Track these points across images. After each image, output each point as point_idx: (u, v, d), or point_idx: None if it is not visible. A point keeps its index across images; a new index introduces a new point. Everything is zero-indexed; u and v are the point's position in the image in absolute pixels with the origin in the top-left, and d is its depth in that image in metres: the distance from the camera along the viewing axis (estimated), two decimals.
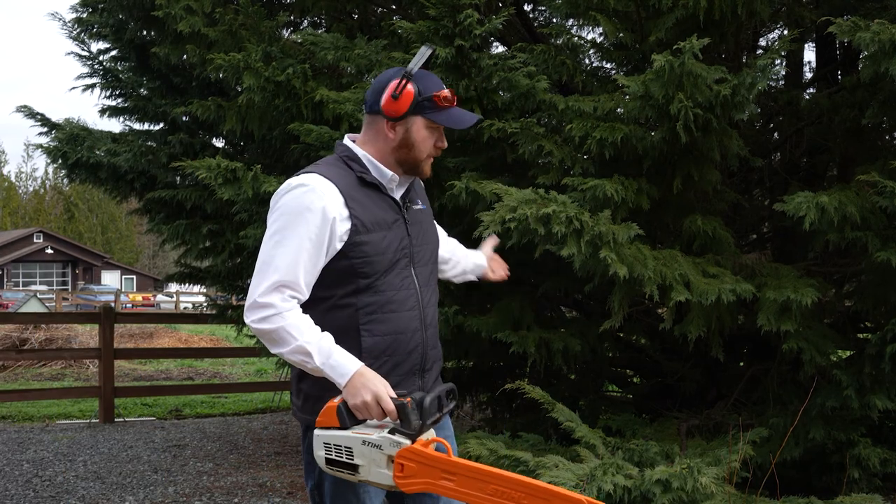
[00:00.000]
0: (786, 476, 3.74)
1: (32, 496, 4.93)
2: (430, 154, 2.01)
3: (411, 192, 2.06)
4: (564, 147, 3.80)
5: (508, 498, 1.63)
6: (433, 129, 1.99)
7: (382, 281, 1.92)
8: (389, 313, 1.93)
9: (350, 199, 1.90)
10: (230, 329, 7.96)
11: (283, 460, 5.98)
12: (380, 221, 1.93)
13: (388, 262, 1.93)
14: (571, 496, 1.59)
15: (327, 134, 4.19)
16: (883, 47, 3.13)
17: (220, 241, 5.94)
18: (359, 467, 1.76)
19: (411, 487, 1.73)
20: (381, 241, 1.92)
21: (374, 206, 1.94)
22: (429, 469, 1.70)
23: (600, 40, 4.78)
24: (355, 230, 1.88)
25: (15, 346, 11.66)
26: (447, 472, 1.70)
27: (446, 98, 1.96)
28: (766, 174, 4.81)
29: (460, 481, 1.69)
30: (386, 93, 1.94)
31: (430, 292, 2.04)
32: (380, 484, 1.78)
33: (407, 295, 1.96)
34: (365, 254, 1.89)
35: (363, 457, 1.76)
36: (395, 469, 1.73)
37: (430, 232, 2.09)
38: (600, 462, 3.34)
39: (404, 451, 1.72)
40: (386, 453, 1.74)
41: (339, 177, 1.93)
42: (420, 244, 2.02)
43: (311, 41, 4.46)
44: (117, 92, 6.86)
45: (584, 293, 4.39)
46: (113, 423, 7.77)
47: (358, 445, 1.76)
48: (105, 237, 62.91)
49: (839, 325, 4.24)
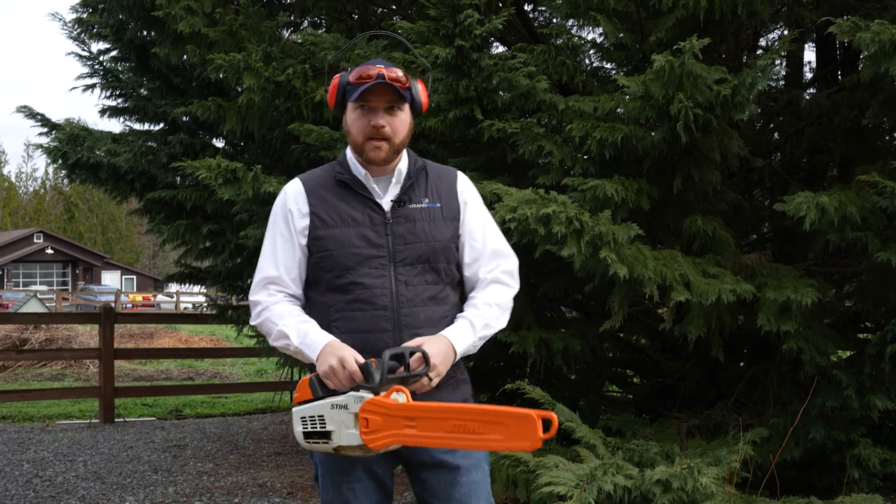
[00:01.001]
0: (786, 476, 3.74)
1: (32, 496, 4.93)
2: (369, 136, 1.95)
3: (411, 190, 2.01)
4: (564, 147, 3.80)
5: (468, 430, 1.67)
6: (363, 111, 1.95)
7: (348, 280, 1.94)
8: (355, 311, 1.94)
9: (313, 196, 1.99)
10: (230, 329, 7.98)
11: (284, 460, 5.98)
12: (344, 218, 1.96)
13: (352, 258, 1.93)
14: (521, 412, 1.64)
15: (327, 134, 4.19)
16: (883, 47, 3.13)
17: (221, 242, 5.94)
18: (331, 433, 1.79)
19: (378, 442, 1.74)
20: (343, 237, 1.94)
21: (342, 203, 1.97)
22: (391, 420, 1.72)
23: (600, 40, 4.78)
24: (314, 225, 1.97)
25: (15, 346, 11.66)
26: (408, 418, 1.72)
27: (361, 76, 1.93)
28: (767, 174, 4.81)
29: (421, 425, 1.70)
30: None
31: (414, 292, 1.96)
32: (351, 446, 1.79)
33: (376, 294, 1.93)
34: (325, 248, 1.95)
35: (333, 421, 1.79)
36: (361, 426, 1.75)
37: (425, 231, 1.99)
38: (600, 462, 3.34)
39: (366, 405, 1.74)
40: (352, 412, 1.76)
41: (314, 177, 2.04)
42: (406, 243, 1.96)
43: (312, 41, 4.46)
44: (117, 92, 6.86)
45: (584, 293, 4.39)
46: (113, 423, 7.77)
47: (328, 410, 1.80)
48: (105, 237, 62.92)
49: (839, 326, 4.24)
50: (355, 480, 1.98)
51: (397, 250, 1.96)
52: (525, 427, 1.62)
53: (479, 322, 1.97)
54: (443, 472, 1.98)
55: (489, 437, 1.66)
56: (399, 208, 1.99)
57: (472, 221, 2.06)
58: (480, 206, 2.11)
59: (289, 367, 6.17)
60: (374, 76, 1.92)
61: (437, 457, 1.96)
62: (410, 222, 1.98)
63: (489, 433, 1.66)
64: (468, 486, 1.98)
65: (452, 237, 2.02)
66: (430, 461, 1.97)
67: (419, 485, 2.02)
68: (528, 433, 1.61)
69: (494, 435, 1.65)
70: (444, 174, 2.09)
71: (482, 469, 2.03)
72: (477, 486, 2.00)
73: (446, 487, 1.98)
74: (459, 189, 2.07)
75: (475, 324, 1.97)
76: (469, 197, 2.08)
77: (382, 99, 1.94)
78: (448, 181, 2.07)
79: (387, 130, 1.95)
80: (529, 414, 1.62)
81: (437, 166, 2.12)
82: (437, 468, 1.98)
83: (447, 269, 2.01)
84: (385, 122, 1.94)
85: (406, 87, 1.96)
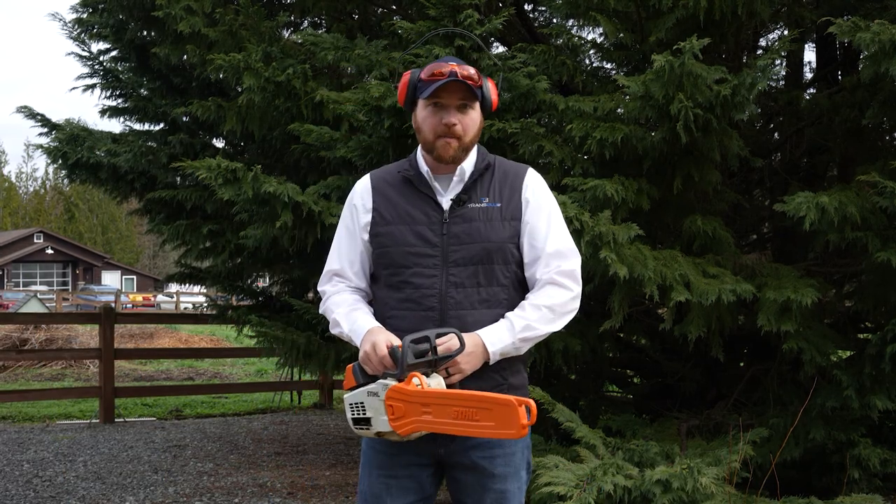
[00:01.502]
0: (786, 476, 3.74)
1: (33, 496, 4.93)
2: (440, 133, 1.93)
3: (473, 189, 1.98)
4: (564, 147, 3.80)
5: (467, 417, 1.71)
6: (434, 108, 1.94)
7: (401, 278, 1.94)
8: (405, 311, 1.93)
9: (378, 192, 2.01)
10: (230, 329, 7.96)
11: (284, 460, 5.98)
12: (402, 215, 1.96)
13: (406, 257, 1.93)
14: (501, 398, 1.68)
15: (328, 134, 4.19)
16: (883, 47, 3.13)
17: (221, 242, 5.93)
18: (370, 420, 1.82)
19: (405, 429, 1.77)
20: (399, 235, 1.95)
21: (403, 200, 1.98)
22: (411, 406, 1.75)
23: (600, 40, 4.78)
24: (375, 221, 1.99)
25: (15, 346, 11.66)
26: (424, 404, 1.74)
27: (434, 73, 1.92)
28: (767, 174, 4.81)
29: (435, 411, 1.73)
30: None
31: (463, 295, 1.91)
32: (386, 433, 1.82)
33: (425, 294, 1.92)
34: (383, 245, 1.97)
35: (371, 408, 1.82)
36: (388, 413, 1.78)
37: (480, 232, 1.93)
38: (600, 462, 3.34)
39: (389, 392, 1.77)
40: (381, 399, 1.79)
41: (383, 173, 2.07)
42: (461, 243, 1.93)
43: (312, 41, 4.46)
44: (117, 92, 6.86)
45: (584, 293, 4.39)
46: (113, 423, 7.77)
47: (365, 397, 1.83)
48: (105, 237, 62.91)
49: (839, 326, 4.24)
50: (391, 476, 1.97)
51: (451, 250, 1.93)
52: (507, 414, 1.65)
53: (519, 323, 1.91)
54: (477, 476, 1.96)
55: (483, 423, 1.69)
56: (458, 207, 1.95)
57: (535, 220, 1.99)
58: (547, 205, 2.03)
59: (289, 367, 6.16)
60: (447, 73, 1.90)
61: (476, 461, 1.95)
62: (467, 222, 1.94)
63: (483, 420, 1.69)
64: (500, 495, 1.96)
65: (511, 237, 1.96)
66: (468, 463, 1.96)
67: (454, 484, 2.01)
68: (511, 421, 1.65)
69: (487, 422, 1.69)
70: (511, 172, 2.03)
71: (519, 478, 2.01)
72: (508, 497, 1.97)
73: (478, 492, 1.96)
74: (525, 187, 2.01)
75: (515, 325, 1.91)
76: (534, 195, 2.01)
77: (455, 96, 1.92)
78: (514, 179, 2.02)
79: (458, 129, 1.93)
80: (510, 400, 1.65)
81: (507, 164, 2.07)
82: (473, 471, 1.96)
83: (504, 271, 1.95)
84: (456, 120, 1.93)
85: (478, 86, 1.95)
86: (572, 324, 2.13)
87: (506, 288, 1.95)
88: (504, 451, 1.96)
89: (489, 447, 1.94)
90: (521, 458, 2.01)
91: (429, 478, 1.99)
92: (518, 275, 1.99)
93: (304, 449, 6.48)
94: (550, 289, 1.96)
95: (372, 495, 1.98)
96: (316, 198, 4.09)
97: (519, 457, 2.00)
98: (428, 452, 1.94)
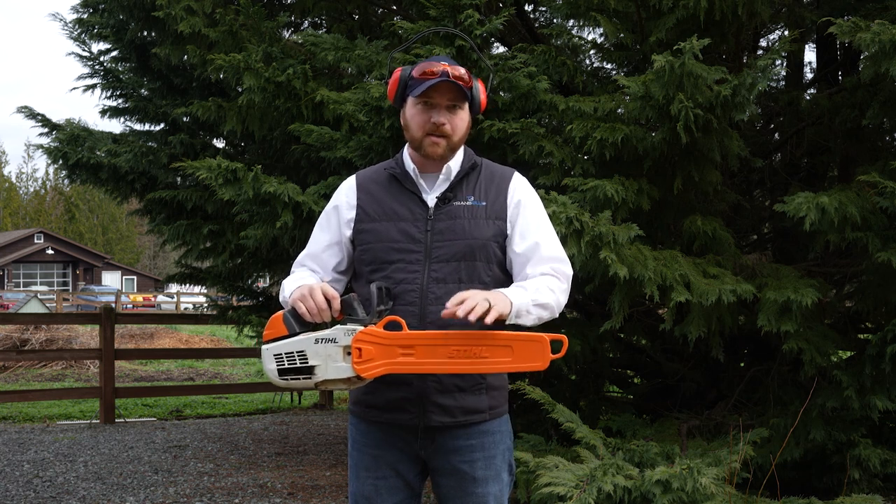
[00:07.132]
0: (786, 477, 3.74)
1: (33, 497, 4.93)
2: (428, 132, 1.94)
3: (458, 188, 1.99)
4: (565, 147, 3.80)
5: (469, 355, 1.75)
6: (424, 107, 1.94)
7: (383, 273, 1.94)
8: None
9: (363, 190, 2.03)
10: (231, 330, 7.96)
11: (284, 461, 5.98)
12: (387, 212, 1.97)
13: (390, 253, 1.94)
14: (533, 336, 1.74)
15: (328, 135, 4.19)
16: (883, 48, 3.13)
17: (221, 242, 5.93)
18: (315, 368, 1.81)
19: (371, 371, 1.77)
20: (383, 231, 1.96)
21: (388, 197, 1.99)
22: (386, 349, 1.76)
23: (601, 41, 4.79)
24: (359, 218, 2.00)
25: (15, 346, 11.67)
26: (405, 347, 1.77)
27: (426, 72, 1.92)
28: (767, 175, 4.81)
29: (420, 352, 1.76)
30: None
31: (444, 290, 1.89)
32: (338, 379, 1.80)
33: (406, 290, 1.93)
34: (366, 241, 1.98)
35: (317, 356, 1.81)
36: (354, 356, 1.77)
37: (465, 228, 1.94)
38: (600, 463, 3.34)
39: (360, 335, 1.77)
40: (341, 344, 1.79)
41: (369, 172, 2.08)
42: (444, 240, 1.94)
43: (312, 42, 4.46)
44: (118, 92, 6.86)
45: (584, 294, 4.39)
46: (114, 423, 7.77)
47: (311, 345, 1.81)
48: (106, 238, 62.95)
49: (840, 326, 4.24)
50: (380, 477, 1.98)
51: (434, 246, 1.94)
52: (534, 349, 1.73)
53: (530, 286, 1.90)
54: (458, 480, 1.97)
55: (497, 359, 1.75)
56: (443, 205, 1.97)
57: (524, 222, 1.99)
58: (535, 209, 2.03)
59: None
60: (438, 73, 1.91)
61: (456, 465, 1.96)
62: (451, 219, 1.96)
63: (497, 356, 1.75)
64: (481, 499, 1.97)
65: (495, 236, 1.96)
66: (448, 468, 1.97)
67: (437, 489, 2.03)
68: (538, 354, 1.73)
69: (503, 357, 1.75)
70: (498, 173, 2.05)
71: (501, 480, 2.01)
72: (489, 500, 1.98)
73: (460, 496, 1.98)
74: (511, 189, 2.02)
75: (527, 287, 1.89)
76: (522, 198, 2.02)
77: (445, 97, 1.93)
78: (501, 181, 2.03)
79: (447, 128, 1.94)
80: (542, 336, 1.73)
81: (493, 166, 2.08)
82: (453, 475, 1.97)
83: (486, 269, 1.95)
84: (446, 120, 1.94)
85: (469, 86, 1.96)
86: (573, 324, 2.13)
87: (487, 286, 1.93)
88: (485, 455, 1.97)
89: (469, 451, 1.95)
90: (502, 461, 2.00)
91: (415, 477, 2.02)
92: (500, 275, 1.99)
93: (305, 449, 6.48)
94: (547, 277, 1.96)
95: (363, 497, 2.00)
96: (316, 198, 4.09)
97: (500, 459, 2.00)
98: (411, 451, 1.96)
